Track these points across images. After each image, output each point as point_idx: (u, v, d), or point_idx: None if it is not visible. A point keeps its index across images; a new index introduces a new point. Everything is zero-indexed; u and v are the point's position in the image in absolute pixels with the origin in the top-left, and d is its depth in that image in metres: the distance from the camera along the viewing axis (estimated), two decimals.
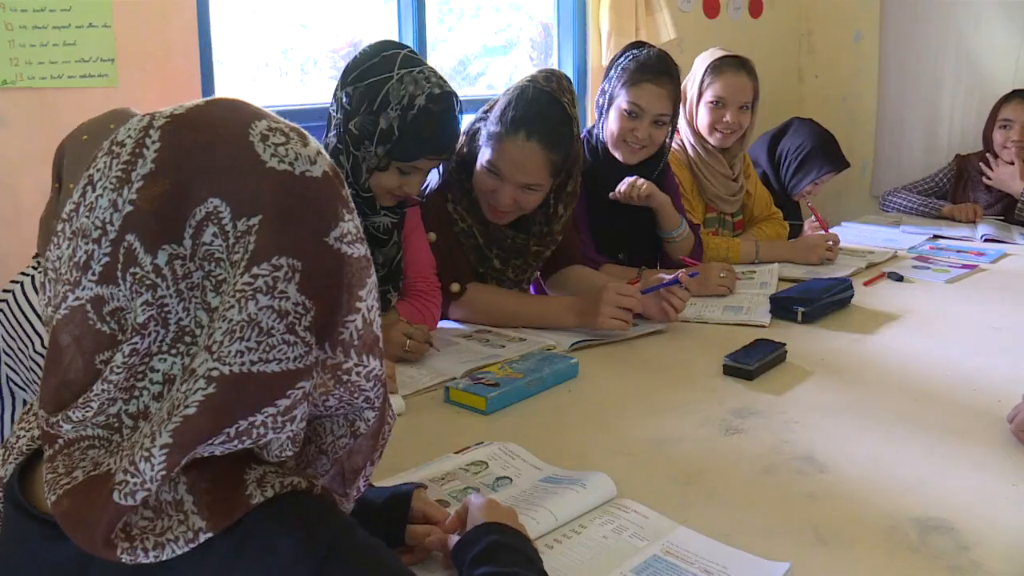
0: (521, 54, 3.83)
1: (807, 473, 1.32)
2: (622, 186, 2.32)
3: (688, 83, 2.73)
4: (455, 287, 2.00)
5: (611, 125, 2.32)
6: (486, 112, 2.00)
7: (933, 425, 1.50)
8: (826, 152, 3.21)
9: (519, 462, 1.31)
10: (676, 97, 2.30)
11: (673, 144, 2.74)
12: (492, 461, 1.31)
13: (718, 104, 2.66)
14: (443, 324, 2.02)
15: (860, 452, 1.39)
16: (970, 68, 4.23)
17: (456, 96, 1.73)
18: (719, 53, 2.72)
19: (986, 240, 3.13)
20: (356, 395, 0.77)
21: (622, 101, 2.28)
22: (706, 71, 2.69)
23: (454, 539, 1.01)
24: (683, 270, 2.06)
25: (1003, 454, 1.38)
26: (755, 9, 4.39)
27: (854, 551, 1.12)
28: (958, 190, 3.65)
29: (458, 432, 1.44)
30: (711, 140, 2.71)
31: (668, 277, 1.99)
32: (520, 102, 1.91)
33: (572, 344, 1.87)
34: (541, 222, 2.09)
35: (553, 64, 3.70)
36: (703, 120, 2.70)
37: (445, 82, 1.72)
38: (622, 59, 2.34)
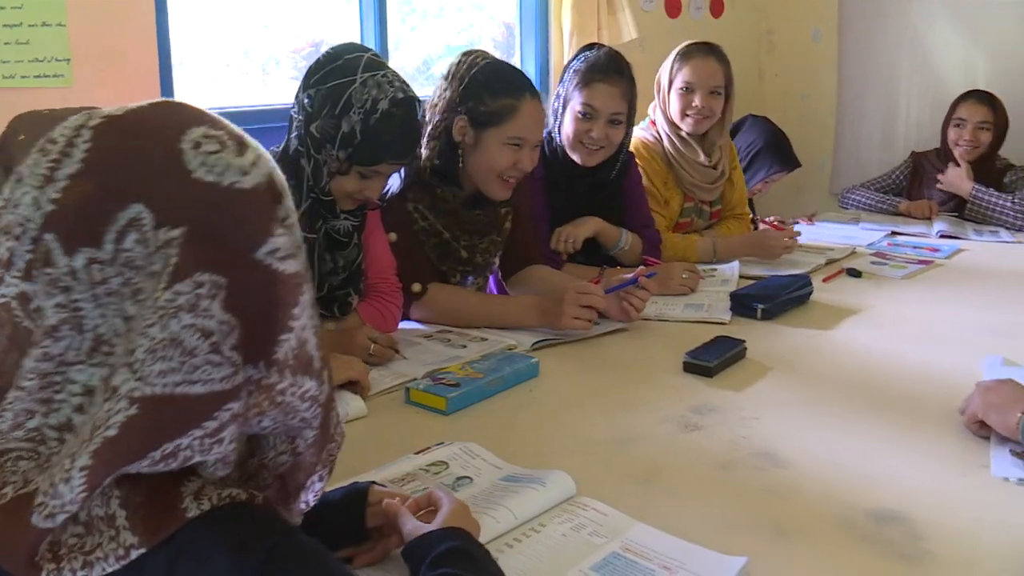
0: None
1: (765, 468, 1.33)
2: (554, 242, 2.35)
3: (661, 73, 2.75)
4: (416, 287, 1.99)
5: (567, 128, 2.33)
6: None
7: (888, 418, 1.53)
8: (776, 151, 3.25)
9: (479, 462, 1.31)
10: (630, 95, 2.31)
11: (648, 135, 2.78)
12: (452, 461, 1.31)
13: (687, 90, 2.68)
14: (405, 325, 2.02)
15: (817, 446, 1.41)
16: (925, 67, 4.30)
17: (419, 100, 1.72)
18: (689, 42, 2.76)
19: (941, 236, 3.19)
20: (291, 416, 0.75)
21: (576, 103, 2.29)
22: (675, 58, 2.72)
23: (410, 524, 1.01)
24: (642, 268, 2.07)
25: (955, 445, 1.41)
26: (716, 9, 4.44)
27: (810, 543, 1.13)
28: (914, 187, 3.71)
29: (419, 433, 1.44)
30: (684, 127, 2.72)
31: (629, 276, 2.00)
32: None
33: (533, 343, 1.88)
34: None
35: (516, 64, 3.70)
36: (674, 107, 2.71)
37: (408, 86, 1.71)
38: (574, 62, 2.35)
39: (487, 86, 1.97)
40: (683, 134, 2.73)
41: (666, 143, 2.75)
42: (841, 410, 1.57)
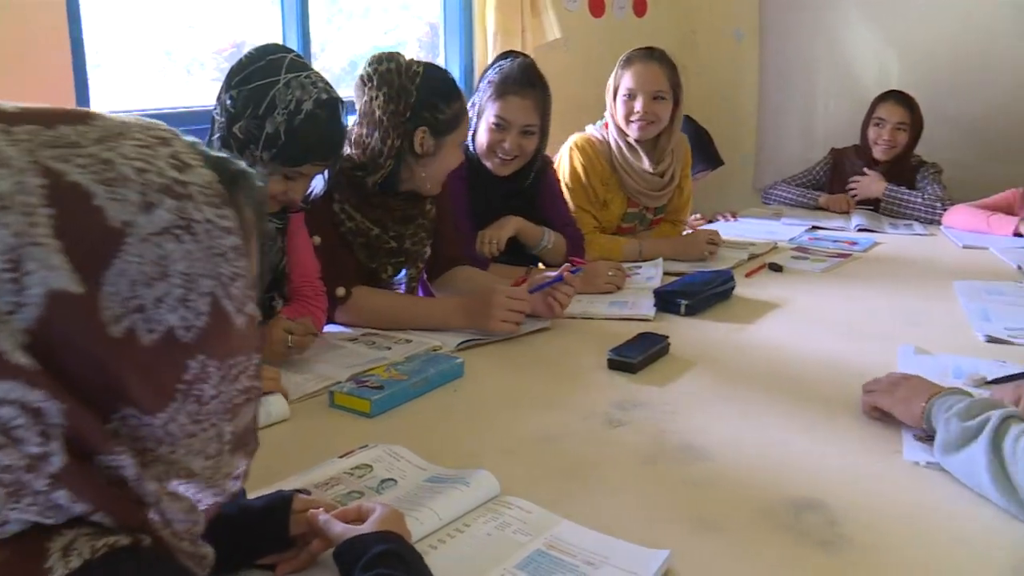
0: (409, 55, 3.81)
1: (688, 461, 1.35)
2: (478, 245, 2.37)
3: (609, 80, 2.77)
4: (340, 291, 1.98)
5: (480, 138, 2.34)
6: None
7: (807, 409, 1.56)
8: (699, 150, 3.30)
9: (404, 464, 1.31)
10: (543, 106, 2.32)
11: (599, 135, 2.80)
12: (377, 464, 1.31)
13: (630, 96, 2.69)
14: (329, 328, 2.00)
15: (739, 438, 1.43)
16: (842, 66, 4.41)
17: (342, 101, 1.71)
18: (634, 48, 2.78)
19: (859, 230, 3.27)
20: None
21: (490, 115, 2.31)
22: (619, 65, 2.74)
23: (338, 527, 0.99)
24: (567, 265, 2.08)
25: (871, 433, 1.45)
26: (639, 8, 4.48)
27: (731, 534, 1.15)
28: (834, 182, 3.80)
29: (343, 436, 1.42)
30: (630, 133, 2.73)
31: (553, 274, 2.01)
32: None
33: (458, 344, 1.87)
34: None
35: (440, 64, 3.69)
36: (620, 113, 2.72)
37: (331, 87, 1.70)
38: (490, 71, 2.36)
39: (440, 93, 1.98)
40: (630, 140, 2.75)
41: (613, 148, 2.77)
42: (762, 402, 1.60)
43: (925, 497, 1.24)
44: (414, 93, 1.96)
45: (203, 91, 2.99)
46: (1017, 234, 3.15)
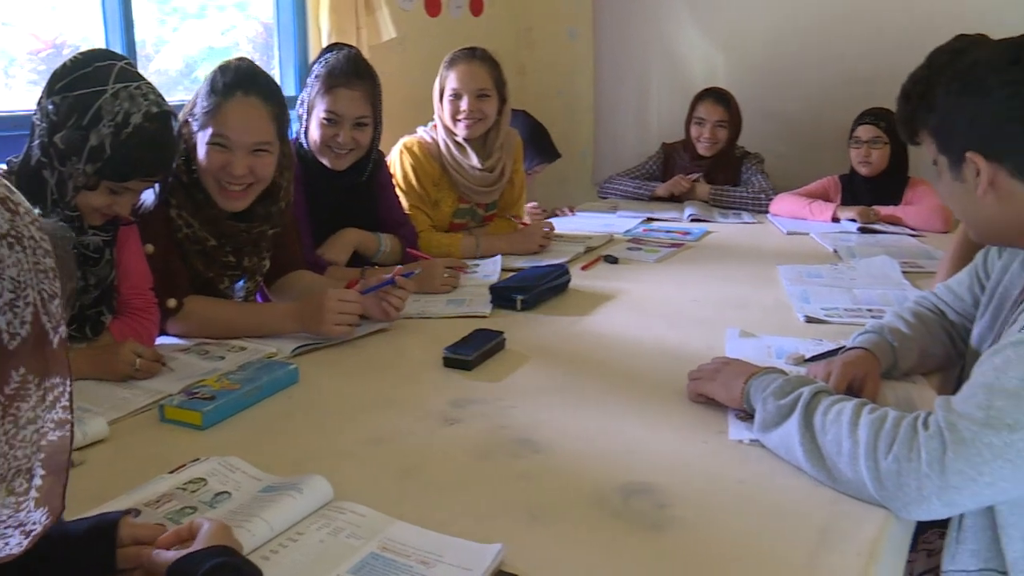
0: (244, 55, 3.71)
1: (522, 455, 1.37)
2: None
3: (436, 82, 2.80)
4: (171, 303, 1.91)
5: (313, 134, 2.32)
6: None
7: (639, 396, 1.61)
8: (536, 144, 3.37)
9: (239, 475, 1.28)
10: (373, 96, 2.32)
11: (428, 137, 2.82)
12: (211, 477, 1.27)
13: (455, 96, 2.74)
14: (161, 340, 1.93)
15: (573, 429, 1.46)
16: (672, 64, 4.56)
17: (174, 115, 1.65)
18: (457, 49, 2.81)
19: (692, 220, 3.40)
20: None
21: (320, 110, 2.29)
22: (443, 66, 2.78)
23: (168, 555, 0.97)
24: (399, 268, 2.08)
25: (699, 415, 1.51)
26: (476, 7, 4.51)
27: (564, 524, 1.17)
28: (667, 175, 3.93)
29: (175, 451, 1.38)
30: (458, 132, 2.77)
31: (386, 277, 2.00)
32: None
33: (294, 349, 1.84)
34: (268, 203, 2.03)
35: (275, 65, 3.62)
36: (447, 113, 2.76)
37: (163, 100, 1.64)
38: (316, 65, 2.34)
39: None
40: (459, 139, 2.78)
41: (442, 147, 2.79)
42: (596, 392, 1.64)
43: (748, 473, 1.31)
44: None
45: (19, 94, 2.83)
46: (835, 219, 3.34)
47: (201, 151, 1.90)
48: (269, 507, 1.15)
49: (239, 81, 1.89)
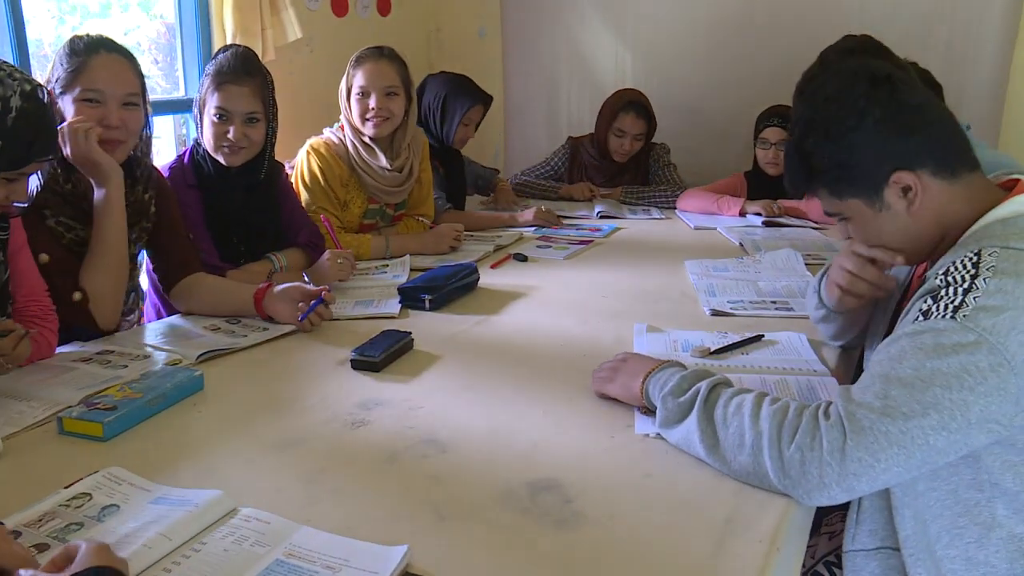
0: (147, 57, 3.62)
1: (430, 456, 1.37)
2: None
3: (342, 82, 2.79)
4: (77, 295, 1.89)
5: (207, 132, 2.29)
6: None
7: (547, 392, 1.62)
8: (462, 90, 3.36)
9: (126, 487, 1.24)
10: (264, 92, 2.30)
11: (335, 137, 2.81)
12: (96, 491, 1.23)
13: (363, 94, 2.73)
14: (61, 349, 1.87)
15: (481, 427, 1.47)
16: (581, 62, 4.61)
17: (43, 87, 1.62)
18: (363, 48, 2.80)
19: (602, 217, 3.43)
20: None
21: (211, 108, 2.27)
22: (350, 65, 2.77)
23: None
24: (325, 287, 2.06)
25: (607, 411, 1.53)
26: (383, 7, 4.48)
27: (471, 522, 1.17)
28: (574, 170, 3.97)
29: (75, 465, 1.34)
30: (366, 131, 2.76)
31: (310, 287, 2.04)
32: None
33: (199, 356, 1.81)
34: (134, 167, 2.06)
35: (178, 67, 3.54)
36: (355, 112, 2.76)
37: (29, 75, 1.61)
38: (208, 65, 2.32)
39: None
40: (366, 139, 2.77)
41: (350, 148, 2.78)
42: (504, 390, 1.64)
43: (653, 467, 1.33)
44: None
45: None
46: (742, 214, 3.42)
47: (69, 111, 1.89)
48: (166, 521, 1.13)
49: (101, 41, 1.94)
